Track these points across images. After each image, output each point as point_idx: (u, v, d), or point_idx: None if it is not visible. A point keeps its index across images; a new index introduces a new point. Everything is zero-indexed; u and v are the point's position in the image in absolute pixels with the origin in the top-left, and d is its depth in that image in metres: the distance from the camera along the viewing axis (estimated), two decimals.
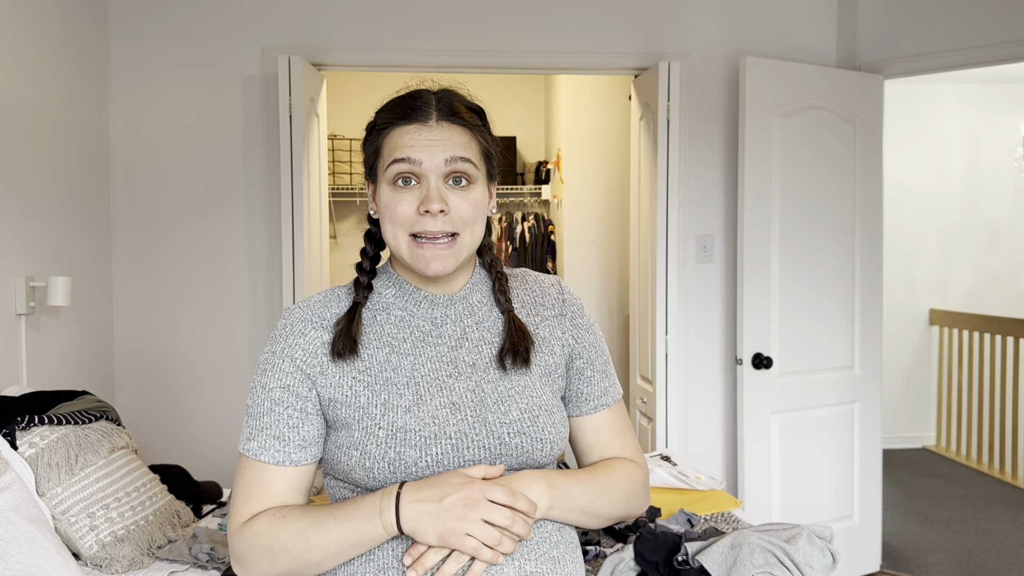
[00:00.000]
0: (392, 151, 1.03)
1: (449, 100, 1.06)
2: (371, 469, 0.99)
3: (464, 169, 1.02)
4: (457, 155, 1.02)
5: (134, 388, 2.97)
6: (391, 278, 1.10)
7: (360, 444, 1.00)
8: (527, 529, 0.96)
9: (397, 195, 1.02)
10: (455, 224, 1.02)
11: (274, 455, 1.02)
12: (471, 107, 1.08)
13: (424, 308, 1.08)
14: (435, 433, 1.00)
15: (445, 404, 1.02)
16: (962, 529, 3.81)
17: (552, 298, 1.16)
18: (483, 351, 1.08)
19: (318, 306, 1.07)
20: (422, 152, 1.01)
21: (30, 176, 2.33)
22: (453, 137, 1.03)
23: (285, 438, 1.02)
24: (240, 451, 1.04)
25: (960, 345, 5.07)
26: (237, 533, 1.01)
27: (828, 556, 1.45)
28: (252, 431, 1.03)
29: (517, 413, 1.03)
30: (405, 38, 3.02)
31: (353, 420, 1.01)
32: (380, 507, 0.95)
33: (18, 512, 1.52)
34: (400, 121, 1.04)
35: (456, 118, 1.04)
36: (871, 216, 3.19)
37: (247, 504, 1.02)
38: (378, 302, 1.09)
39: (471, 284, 1.11)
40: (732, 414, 3.22)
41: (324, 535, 0.96)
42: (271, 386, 1.03)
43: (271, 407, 1.03)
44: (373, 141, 1.07)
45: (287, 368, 1.03)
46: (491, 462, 1.01)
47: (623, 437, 1.17)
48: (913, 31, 3.12)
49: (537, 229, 4.68)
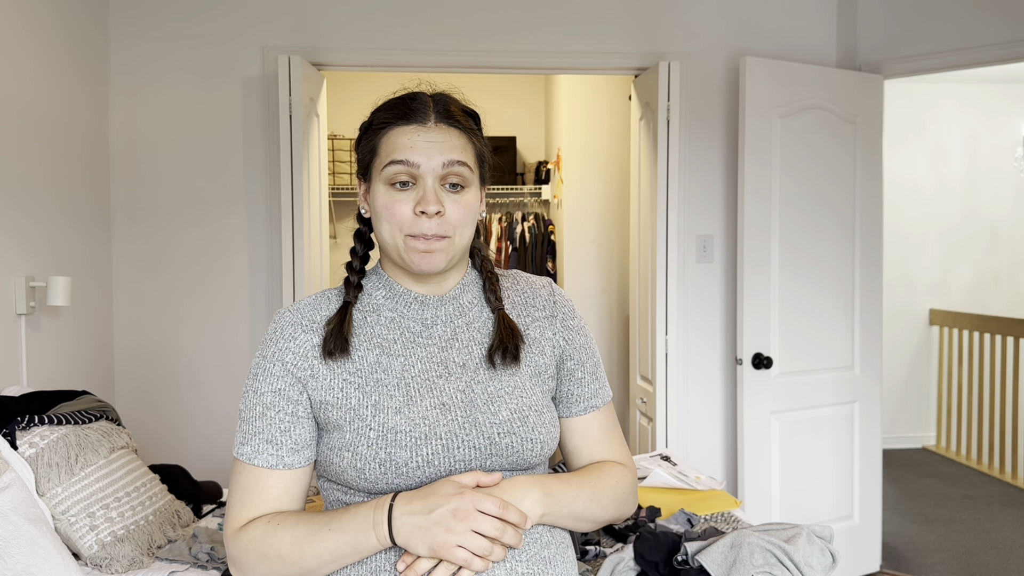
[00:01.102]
0: (390, 151, 1.03)
1: (446, 103, 1.07)
2: (362, 470, 0.99)
3: (460, 172, 1.04)
4: (455, 158, 1.03)
5: (134, 388, 2.97)
6: (381, 279, 1.11)
7: (351, 445, 1.00)
8: (517, 539, 0.96)
9: (394, 197, 1.03)
10: (447, 228, 1.03)
11: (267, 459, 1.02)
12: (467, 111, 1.09)
13: (414, 309, 1.09)
14: (425, 434, 1.00)
15: (435, 405, 1.02)
16: (962, 529, 3.81)
17: (543, 299, 1.16)
18: (473, 351, 1.08)
19: (308, 309, 1.08)
20: (420, 154, 1.02)
21: (30, 176, 2.33)
22: (451, 140, 1.04)
23: (278, 442, 1.03)
24: (234, 455, 1.05)
25: (960, 345, 5.07)
26: (233, 538, 1.02)
27: (828, 556, 1.45)
28: (245, 435, 1.04)
29: (507, 413, 1.04)
30: (405, 38, 3.02)
31: (344, 422, 1.02)
32: (373, 519, 0.96)
33: (18, 512, 1.52)
34: (398, 122, 1.04)
35: (453, 121, 1.05)
36: (871, 216, 3.19)
37: (243, 509, 1.03)
38: (368, 303, 1.10)
39: (462, 284, 1.12)
40: (732, 414, 3.22)
41: (318, 544, 0.97)
42: (262, 390, 1.04)
43: (263, 411, 1.03)
44: (369, 140, 1.08)
45: (278, 372, 1.04)
46: (482, 462, 1.01)
47: (612, 439, 1.17)
48: (913, 31, 3.12)
49: (537, 229, 4.68)
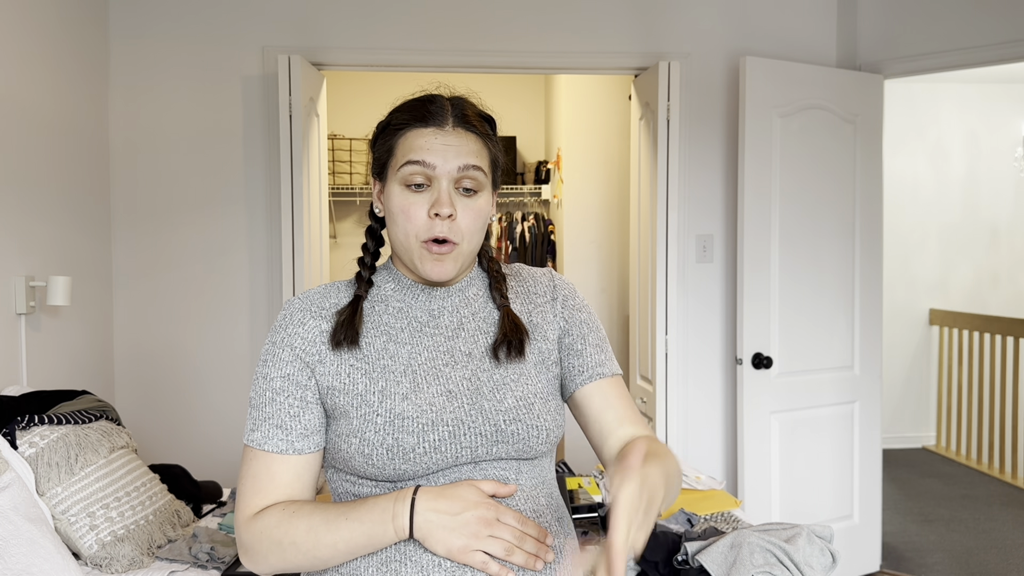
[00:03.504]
0: (407, 152, 1.05)
1: (463, 107, 1.08)
2: (369, 456, 1.00)
3: (475, 177, 1.05)
4: (470, 163, 1.04)
5: (134, 388, 2.97)
6: (391, 273, 1.13)
7: (359, 431, 1.01)
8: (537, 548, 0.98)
9: (410, 198, 1.04)
10: (458, 233, 1.04)
11: (277, 444, 1.03)
12: (483, 116, 1.11)
13: (422, 300, 1.10)
14: (432, 420, 1.01)
15: (442, 392, 1.04)
16: (962, 529, 3.81)
17: (544, 285, 1.18)
18: (479, 341, 1.09)
19: (317, 297, 1.10)
20: (437, 156, 1.03)
21: (30, 176, 2.33)
22: (468, 144, 1.05)
23: (287, 427, 1.03)
24: (244, 442, 1.06)
25: (960, 345, 5.07)
26: (246, 525, 1.02)
27: (828, 556, 1.45)
28: (255, 421, 1.05)
29: (512, 400, 1.05)
30: (405, 38, 3.02)
31: (351, 407, 1.03)
32: (393, 511, 0.96)
33: (18, 512, 1.52)
34: (416, 123, 1.06)
35: (470, 126, 1.07)
36: (871, 216, 3.19)
37: (255, 496, 1.03)
38: (377, 294, 1.12)
39: (468, 279, 1.14)
40: (732, 414, 3.22)
41: (334, 533, 0.97)
42: (272, 376, 1.05)
43: (272, 397, 1.04)
44: (386, 140, 1.09)
45: (287, 357, 1.05)
46: (488, 449, 1.02)
47: (627, 409, 1.13)
48: (913, 31, 3.12)
49: (537, 229, 4.68)
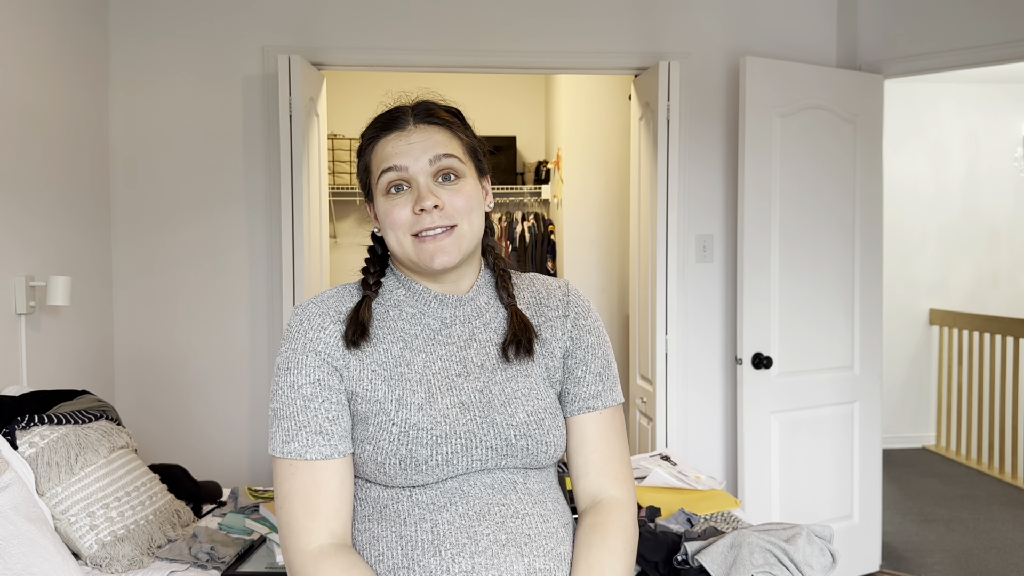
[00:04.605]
0: (380, 163, 1.07)
1: (424, 105, 1.10)
2: (382, 464, 1.00)
3: (450, 164, 1.06)
4: (439, 152, 1.05)
5: (134, 388, 2.97)
6: (400, 279, 1.12)
7: (373, 439, 1.01)
8: None
9: (391, 202, 1.05)
10: (451, 216, 1.05)
11: (321, 450, 1.00)
12: (446, 108, 1.12)
13: (434, 307, 1.10)
14: (446, 432, 1.01)
15: (455, 403, 1.03)
16: (962, 529, 3.81)
17: (557, 299, 1.16)
18: (491, 352, 1.09)
19: (332, 300, 1.09)
20: (406, 157, 1.05)
21: (30, 176, 2.33)
22: (433, 136, 1.07)
23: (328, 432, 1.01)
24: (277, 456, 1.01)
25: (960, 345, 5.07)
26: (311, 562, 0.98)
27: (828, 556, 1.45)
28: (289, 433, 1.01)
29: (524, 415, 1.04)
30: (405, 38, 3.02)
31: (370, 414, 1.02)
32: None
33: (18, 512, 1.52)
34: (382, 134, 1.08)
35: (432, 119, 1.08)
36: (871, 216, 3.19)
37: (307, 517, 0.99)
38: (389, 299, 1.11)
39: (478, 286, 1.13)
40: (732, 414, 3.22)
41: None
42: (300, 383, 1.02)
43: (305, 404, 1.01)
44: (363, 159, 1.11)
45: (313, 363, 1.03)
46: (497, 462, 1.02)
47: (610, 450, 1.12)
48: (913, 31, 3.12)
49: (537, 229, 4.68)
